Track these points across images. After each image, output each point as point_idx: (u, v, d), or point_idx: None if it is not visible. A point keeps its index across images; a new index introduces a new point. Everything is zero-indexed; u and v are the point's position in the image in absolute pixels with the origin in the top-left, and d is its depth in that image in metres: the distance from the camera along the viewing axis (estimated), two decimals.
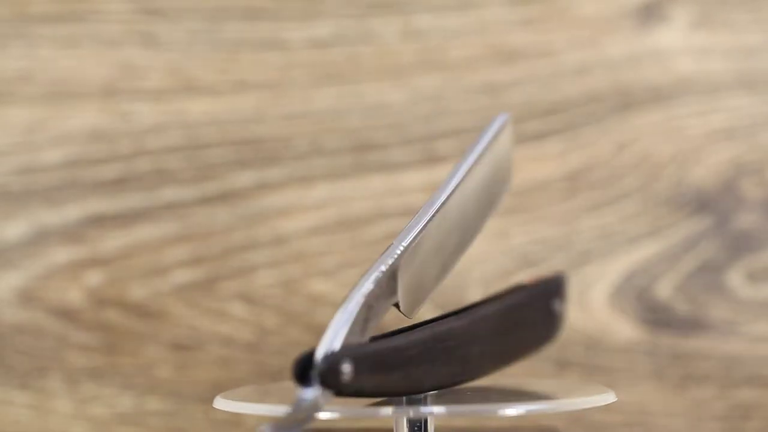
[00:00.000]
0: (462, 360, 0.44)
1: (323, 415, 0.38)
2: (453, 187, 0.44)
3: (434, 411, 0.39)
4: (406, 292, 0.43)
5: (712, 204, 0.63)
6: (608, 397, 0.43)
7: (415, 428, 0.42)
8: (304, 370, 0.40)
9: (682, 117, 0.64)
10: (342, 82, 0.64)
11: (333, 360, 0.39)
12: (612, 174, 0.63)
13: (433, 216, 0.43)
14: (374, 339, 0.42)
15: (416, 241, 0.43)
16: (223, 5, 0.64)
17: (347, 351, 0.40)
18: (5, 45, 0.63)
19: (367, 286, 0.41)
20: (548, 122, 0.64)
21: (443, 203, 0.44)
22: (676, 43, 0.64)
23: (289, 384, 0.51)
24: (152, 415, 0.63)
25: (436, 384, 0.43)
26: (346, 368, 0.39)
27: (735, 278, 0.63)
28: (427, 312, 0.62)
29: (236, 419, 0.62)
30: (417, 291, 0.44)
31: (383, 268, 0.42)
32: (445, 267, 0.45)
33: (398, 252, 0.43)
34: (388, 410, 0.40)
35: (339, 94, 0.64)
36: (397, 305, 0.44)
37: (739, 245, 0.63)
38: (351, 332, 0.40)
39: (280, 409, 0.41)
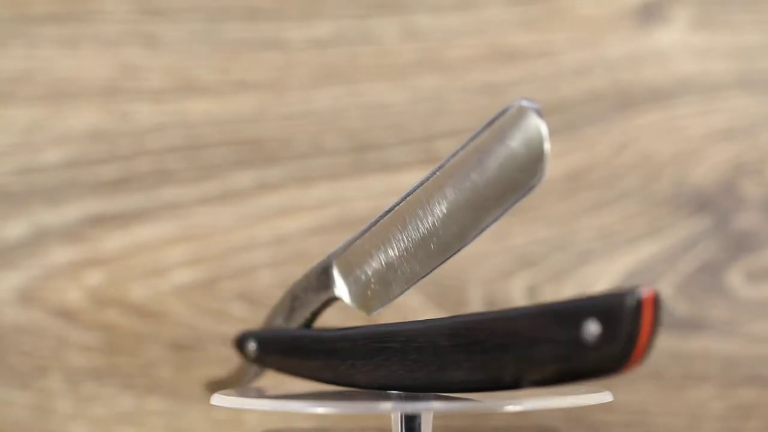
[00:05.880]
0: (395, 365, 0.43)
1: (320, 410, 0.38)
2: (414, 188, 0.43)
3: (433, 406, 0.39)
4: (354, 289, 0.44)
5: (712, 204, 0.63)
6: (605, 396, 0.43)
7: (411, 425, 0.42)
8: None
9: (682, 117, 0.64)
10: (342, 82, 0.64)
11: (241, 338, 0.49)
12: (612, 174, 0.63)
13: (382, 216, 0.43)
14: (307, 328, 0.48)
15: (357, 240, 0.43)
16: (223, 5, 0.64)
17: (252, 332, 0.49)
18: (5, 45, 0.63)
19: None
20: (548, 122, 0.63)
21: (401, 204, 0.43)
22: (676, 43, 0.64)
23: (288, 383, 0.52)
24: (152, 415, 0.63)
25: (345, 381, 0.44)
26: (252, 346, 0.49)
27: (735, 278, 0.63)
28: (428, 311, 0.62)
29: (236, 419, 0.62)
30: (377, 288, 0.43)
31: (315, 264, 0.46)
32: (423, 268, 0.43)
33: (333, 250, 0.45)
34: (387, 405, 0.40)
35: (339, 94, 0.64)
36: (335, 299, 0.46)
37: (739, 245, 0.63)
38: (275, 318, 0.48)
39: (277, 405, 0.41)
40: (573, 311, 0.37)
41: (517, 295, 0.63)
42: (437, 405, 0.40)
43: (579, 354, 0.37)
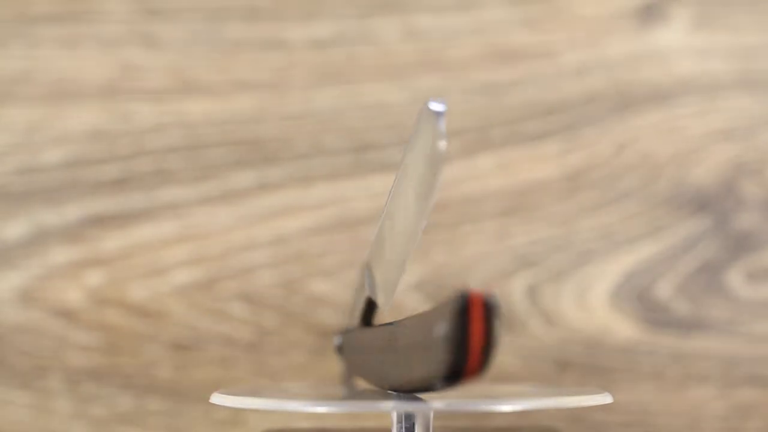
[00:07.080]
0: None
1: (320, 410, 0.38)
2: (393, 180, 0.43)
3: (433, 406, 0.39)
4: (378, 287, 0.44)
5: (712, 204, 0.63)
6: (605, 397, 0.43)
7: (406, 426, 0.42)
8: None
9: (682, 117, 0.64)
10: (342, 82, 0.64)
11: (335, 336, 0.51)
12: (612, 174, 0.64)
13: (383, 213, 0.44)
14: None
15: (373, 239, 0.44)
16: (223, 5, 0.64)
17: (341, 330, 0.51)
18: (5, 45, 0.63)
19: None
20: (548, 122, 0.64)
21: (387, 202, 0.43)
22: (676, 43, 0.64)
23: (288, 384, 0.52)
24: (152, 415, 0.63)
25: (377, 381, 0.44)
26: (336, 342, 0.51)
27: (735, 278, 0.63)
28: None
29: (237, 419, 0.62)
30: (386, 286, 0.44)
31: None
32: (401, 261, 0.43)
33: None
34: (388, 404, 0.40)
35: (339, 94, 0.64)
36: (371, 299, 0.46)
37: (739, 245, 0.63)
38: (349, 318, 0.50)
39: (276, 404, 0.41)
40: (432, 314, 0.37)
41: (517, 295, 0.63)
42: (436, 405, 0.40)
43: (438, 356, 0.36)
